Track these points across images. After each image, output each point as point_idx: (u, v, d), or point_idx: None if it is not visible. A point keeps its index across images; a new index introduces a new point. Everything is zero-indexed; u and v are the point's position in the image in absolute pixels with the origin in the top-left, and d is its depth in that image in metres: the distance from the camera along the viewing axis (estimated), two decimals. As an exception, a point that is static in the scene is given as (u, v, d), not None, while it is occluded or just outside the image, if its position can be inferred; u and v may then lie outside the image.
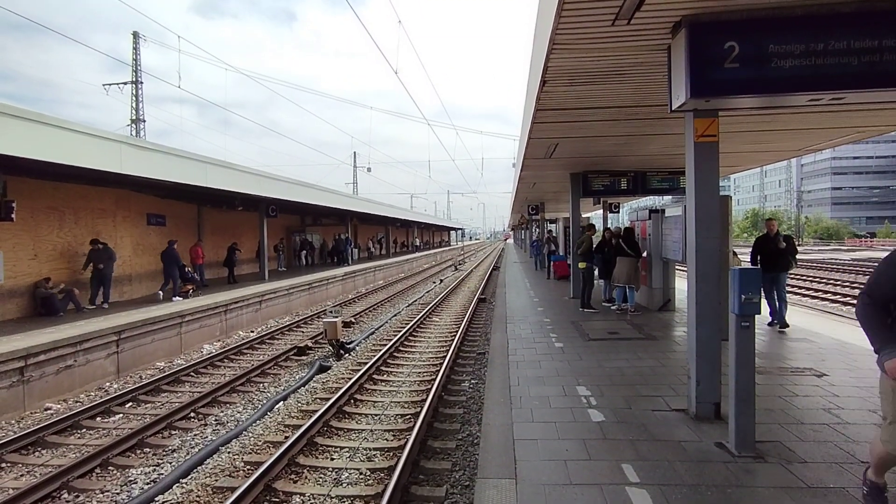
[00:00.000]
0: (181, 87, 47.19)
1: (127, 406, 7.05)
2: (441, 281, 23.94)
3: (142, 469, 5.05)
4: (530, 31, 5.90)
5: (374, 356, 8.60)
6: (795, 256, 8.08)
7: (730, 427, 3.72)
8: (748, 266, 6.30)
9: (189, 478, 4.68)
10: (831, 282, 20.72)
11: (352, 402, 6.67)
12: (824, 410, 4.49)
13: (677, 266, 9.90)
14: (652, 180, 11.50)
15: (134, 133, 28.55)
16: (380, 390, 7.23)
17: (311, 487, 4.45)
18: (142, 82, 28.89)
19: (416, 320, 11.87)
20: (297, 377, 8.21)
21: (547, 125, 7.18)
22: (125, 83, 28.95)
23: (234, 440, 5.53)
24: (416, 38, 60.14)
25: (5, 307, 9.55)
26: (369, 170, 48.69)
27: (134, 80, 28.71)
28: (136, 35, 28.07)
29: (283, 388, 7.67)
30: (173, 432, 6.05)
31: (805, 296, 17.40)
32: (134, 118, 29.06)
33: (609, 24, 3.85)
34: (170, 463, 5.19)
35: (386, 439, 5.47)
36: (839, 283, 20.29)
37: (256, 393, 7.50)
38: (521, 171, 12.25)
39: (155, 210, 13.98)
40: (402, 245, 45.54)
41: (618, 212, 16.87)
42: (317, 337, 10.75)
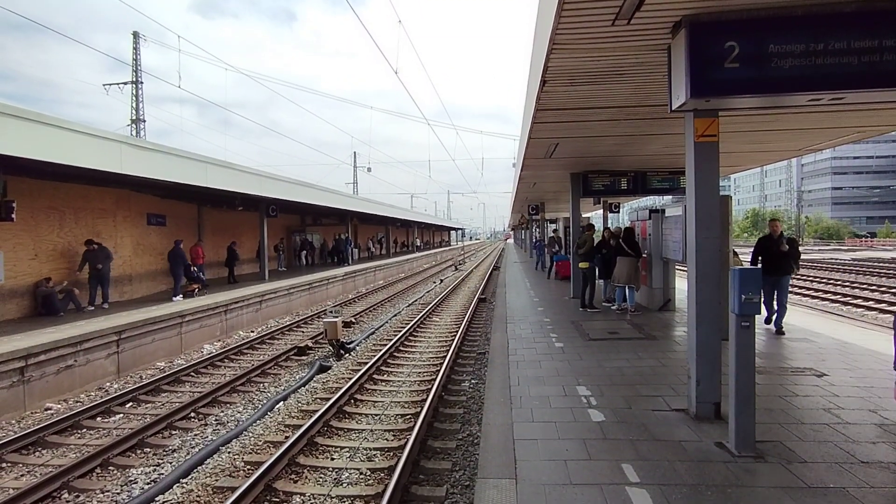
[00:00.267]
0: (181, 87, 47.27)
1: (127, 406, 7.06)
2: (441, 281, 23.94)
3: (142, 469, 5.06)
4: (530, 31, 5.91)
5: (375, 356, 8.60)
6: (798, 260, 7.70)
7: (730, 427, 3.72)
8: (748, 266, 6.31)
9: (189, 478, 4.69)
10: (831, 282, 20.71)
11: (352, 402, 6.67)
12: (824, 410, 4.49)
13: (677, 266, 9.90)
14: (652, 180, 11.51)
15: (134, 133, 28.56)
16: (380, 390, 7.23)
17: (311, 487, 4.46)
18: (142, 82, 28.91)
19: (416, 320, 11.87)
20: (297, 377, 8.21)
21: (547, 125, 7.18)
22: (125, 83, 28.97)
23: (235, 440, 5.54)
24: (416, 38, 60.15)
25: (5, 307, 9.56)
26: (369, 170, 48.72)
27: (134, 79, 28.72)
28: (136, 35, 28.08)
29: (283, 388, 7.68)
30: (174, 432, 6.06)
31: (805, 296, 17.40)
32: (134, 118, 29.07)
33: (609, 24, 3.85)
34: (170, 463, 5.20)
35: (386, 439, 5.47)
36: (839, 283, 20.29)
37: (257, 393, 7.51)
38: (522, 171, 12.26)
39: (155, 210, 13.98)
40: (403, 245, 45.55)
41: (618, 212, 16.86)
42: (317, 337, 10.75)
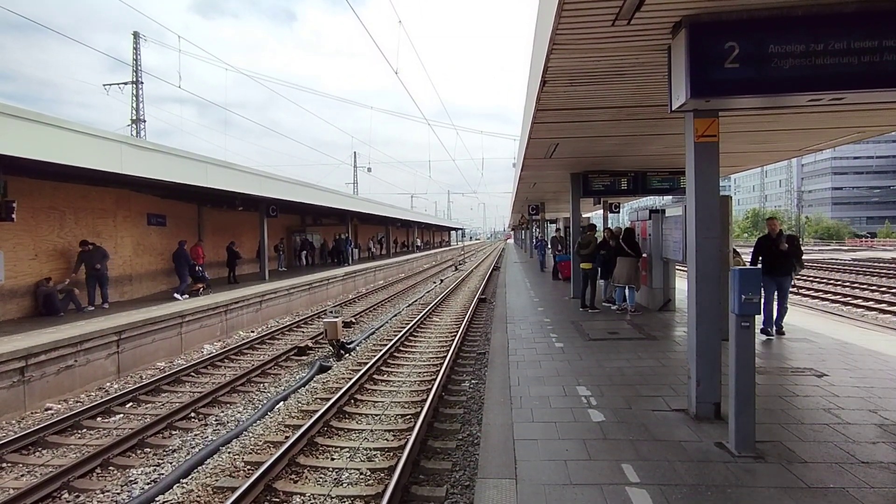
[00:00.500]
0: (181, 87, 47.34)
1: (127, 406, 7.06)
2: (441, 281, 23.93)
3: (142, 469, 5.06)
4: (530, 31, 5.91)
5: (375, 356, 8.60)
6: (800, 259, 7.37)
7: (730, 427, 3.72)
8: (748, 266, 6.31)
9: (189, 478, 4.69)
10: (831, 282, 20.71)
11: (352, 402, 6.67)
12: (824, 410, 4.49)
13: (677, 266, 9.90)
14: (652, 180, 11.52)
15: (134, 133, 28.58)
16: (380, 390, 7.23)
17: (311, 487, 4.46)
18: (142, 82, 28.95)
19: (416, 320, 11.87)
20: (297, 377, 8.21)
21: (547, 125, 7.18)
22: (125, 83, 29.01)
23: (235, 440, 5.54)
24: (416, 38, 60.23)
25: (6, 307, 9.56)
26: (369, 170, 48.77)
27: (134, 80, 28.75)
28: (136, 35, 28.10)
29: (283, 388, 7.67)
30: (174, 432, 6.06)
31: (805, 296, 17.40)
32: (134, 118, 29.09)
33: (609, 24, 3.85)
34: (170, 463, 5.20)
35: (386, 439, 5.47)
36: (839, 283, 20.29)
37: (257, 393, 7.51)
38: (522, 171, 12.26)
39: (155, 210, 13.98)
40: (403, 245, 45.55)
41: (618, 212, 16.87)
42: (317, 337, 10.75)
